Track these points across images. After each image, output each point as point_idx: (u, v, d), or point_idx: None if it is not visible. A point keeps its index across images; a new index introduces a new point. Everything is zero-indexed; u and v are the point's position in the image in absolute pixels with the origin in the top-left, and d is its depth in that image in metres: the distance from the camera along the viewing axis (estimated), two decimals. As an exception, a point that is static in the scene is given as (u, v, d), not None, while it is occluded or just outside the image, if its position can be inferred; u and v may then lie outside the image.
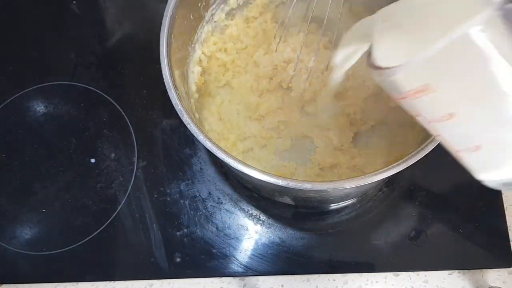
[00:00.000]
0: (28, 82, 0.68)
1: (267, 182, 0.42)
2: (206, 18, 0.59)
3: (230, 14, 0.63)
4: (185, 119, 0.45)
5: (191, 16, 0.55)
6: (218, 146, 0.44)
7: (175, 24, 0.49)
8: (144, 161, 0.63)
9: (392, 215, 0.60)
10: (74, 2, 0.73)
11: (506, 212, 0.59)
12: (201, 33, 0.59)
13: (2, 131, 0.66)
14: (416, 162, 0.42)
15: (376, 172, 0.42)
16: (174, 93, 0.46)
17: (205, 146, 0.44)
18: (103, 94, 0.67)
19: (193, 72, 0.58)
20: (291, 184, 0.42)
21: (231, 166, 0.43)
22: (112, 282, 0.59)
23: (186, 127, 0.45)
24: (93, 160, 0.64)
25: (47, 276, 0.59)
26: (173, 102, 0.45)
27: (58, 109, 0.67)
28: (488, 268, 0.58)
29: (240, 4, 0.63)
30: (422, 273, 0.58)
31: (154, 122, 0.65)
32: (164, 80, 0.46)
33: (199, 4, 0.56)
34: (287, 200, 0.59)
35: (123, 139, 0.65)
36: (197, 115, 0.55)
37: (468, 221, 0.59)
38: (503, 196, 0.60)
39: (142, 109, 0.66)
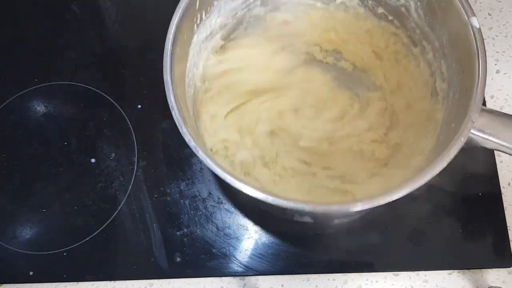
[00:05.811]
0: (28, 82, 0.68)
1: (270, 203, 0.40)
2: None
3: None
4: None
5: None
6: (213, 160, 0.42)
7: (181, 32, 0.48)
8: (144, 161, 0.63)
9: (392, 215, 0.60)
10: (74, 2, 0.73)
11: (506, 212, 0.59)
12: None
13: (2, 131, 0.66)
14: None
15: (384, 194, 0.40)
16: (172, 95, 0.45)
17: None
18: (103, 94, 0.67)
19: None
20: (293, 205, 0.40)
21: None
22: (112, 282, 0.59)
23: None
24: (93, 160, 0.64)
25: (47, 276, 0.59)
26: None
27: (58, 109, 0.67)
28: (488, 268, 0.58)
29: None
30: (421, 273, 0.58)
31: (154, 122, 0.65)
32: (165, 84, 0.46)
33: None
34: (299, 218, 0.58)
35: (123, 139, 0.65)
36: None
37: (468, 221, 0.59)
38: (503, 196, 0.60)
39: (142, 109, 0.66)
